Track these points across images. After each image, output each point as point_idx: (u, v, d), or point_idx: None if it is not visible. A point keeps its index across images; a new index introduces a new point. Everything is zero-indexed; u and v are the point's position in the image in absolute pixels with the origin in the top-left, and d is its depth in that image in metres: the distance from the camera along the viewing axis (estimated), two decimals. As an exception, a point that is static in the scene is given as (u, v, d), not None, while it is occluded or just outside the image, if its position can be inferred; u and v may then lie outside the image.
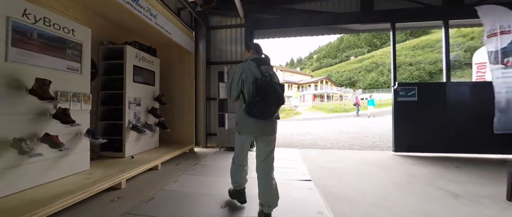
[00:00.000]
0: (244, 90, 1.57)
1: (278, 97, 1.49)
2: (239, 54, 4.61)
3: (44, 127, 1.90)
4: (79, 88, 2.24)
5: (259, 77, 1.51)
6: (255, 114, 1.47)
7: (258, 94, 1.45)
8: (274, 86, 1.50)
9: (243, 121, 1.58)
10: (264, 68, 1.59)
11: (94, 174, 2.21)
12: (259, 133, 1.57)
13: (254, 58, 1.67)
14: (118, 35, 3.29)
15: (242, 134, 1.62)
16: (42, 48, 1.89)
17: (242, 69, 1.58)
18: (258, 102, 1.44)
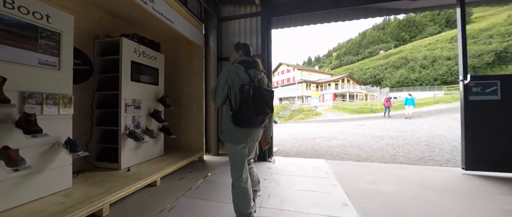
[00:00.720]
0: (230, 96, 1.43)
1: (266, 105, 1.41)
2: (254, 47, 3.98)
3: (6, 138, 1.48)
4: (56, 88, 1.81)
5: (247, 83, 1.39)
6: (242, 123, 1.36)
7: (245, 103, 1.33)
8: (263, 94, 1.40)
9: (230, 130, 1.45)
10: (252, 72, 1.47)
11: (72, 195, 1.76)
12: (247, 141, 1.47)
13: (241, 61, 1.51)
14: (118, 29, 2.89)
15: (229, 146, 1.49)
16: (2, 37, 1.47)
17: (229, 73, 1.44)
18: (245, 112, 1.33)
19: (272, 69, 3.78)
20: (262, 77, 1.57)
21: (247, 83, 1.40)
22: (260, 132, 1.58)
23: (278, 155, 4.23)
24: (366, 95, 33.89)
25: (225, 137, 1.49)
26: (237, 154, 1.46)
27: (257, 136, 1.55)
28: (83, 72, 2.55)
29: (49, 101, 1.75)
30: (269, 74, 3.69)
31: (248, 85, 1.38)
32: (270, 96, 1.46)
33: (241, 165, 1.46)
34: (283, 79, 39.24)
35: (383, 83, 46.22)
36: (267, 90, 1.48)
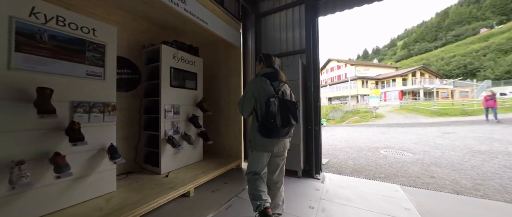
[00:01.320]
0: (257, 108, 1.53)
1: (291, 117, 1.50)
2: (297, 41, 3.43)
3: (59, 144, 1.62)
4: (101, 96, 1.92)
5: (272, 95, 1.49)
6: (269, 134, 1.46)
7: (272, 116, 1.43)
8: (288, 106, 1.50)
9: (256, 140, 1.56)
10: (276, 85, 1.56)
11: (112, 202, 1.80)
12: (273, 150, 1.56)
13: (266, 74, 1.61)
14: (162, 37, 3.02)
15: (255, 152, 1.58)
16: (55, 52, 1.62)
17: (255, 86, 1.55)
18: (272, 124, 1.43)
19: (319, 66, 3.12)
20: (285, 88, 1.63)
21: (273, 95, 1.48)
22: (287, 141, 1.67)
23: (329, 170, 3.49)
24: (452, 92, 25.96)
25: (252, 146, 1.59)
26: (260, 160, 1.57)
27: (284, 145, 1.63)
28: (133, 80, 2.76)
29: (95, 109, 1.86)
30: (316, 71, 3.05)
31: (273, 97, 1.47)
32: (294, 107, 1.54)
33: (255, 164, 1.57)
34: (332, 76, 35.47)
35: (480, 75, 34.24)
36: (291, 102, 1.55)
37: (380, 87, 29.57)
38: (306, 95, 3.07)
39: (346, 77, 30.37)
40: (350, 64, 33.02)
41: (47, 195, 1.54)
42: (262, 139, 1.51)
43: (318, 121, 3.04)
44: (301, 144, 2.87)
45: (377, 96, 19.45)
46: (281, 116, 1.46)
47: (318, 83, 3.08)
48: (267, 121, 1.44)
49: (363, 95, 27.96)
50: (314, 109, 3.02)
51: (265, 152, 1.56)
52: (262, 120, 1.49)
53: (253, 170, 1.58)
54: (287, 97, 1.60)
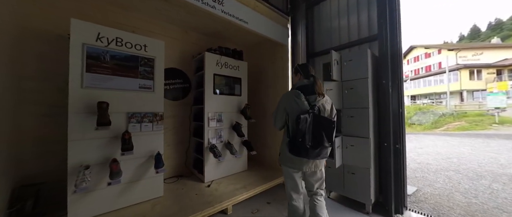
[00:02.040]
0: (288, 123, 1.43)
1: (325, 137, 1.33)
2: (364, 26, 2.60)
3: (117, 151, 1.82)
4: (151, 107, 2.06)
5: (305, 111, 1.34)
6: (296, 153, 1.34)
7: (301, 135, 1.30)
8: (322, 124, 1.34)
9: (284, 154, 1.47)
10: (312, 99, 1.40)
11: (156, 208, 1.87)
12: (302, 168, 1.45)
13: (301, 87, 1.46)
14: (209, 45, 3.07)
15: (283, 167, 1.53)
16: (114, 69, 1.84)
17: (287, 100, 1.45)
18: (300, 143, 1.30)
19: (402, 56, 2.16)
20: (324, 102, 1.44)
21: (306, 111, 1.35)
22: (319, 161, 1.47)
23: (419, 206, 2.40)
24: None
25: (281, 160, 1.54)
26: (290, 176, 1.50)
27: (317, 164, 1.47)
28: (184, 89, 2.95)
29: (146, 119, 2.01)
30: (397, 64, 2.13)
31: (307, 113, 1.33)
32: (329, 126, 1.36)
33: (293, 186, 1.50)
34: (417, 68, 27.00)
35: None
36: (327, 120, 1.38)
37: (507, 78, 19.71)
38: (379, 98, 2.21)
39: (440, 67, 22.32)
40: (447, 50, 23.99)
41: (104, 196, 1.76)
42: (290, 155, 1.39)
43: (401, 135, 2.11)
44: (372, 167, 2.07)
45: (504, 92, 13.02)
46: (313, 136, 1.32)
47: (400, 80, 2.14)
48: (295, 139, 1.32)
49: (473, 91, 19.72)
50: (393, 118, 2.11)
51: (293, 169, 1.47)
52: (291, 136, 1.36)
53: (288, 190, 1.53)
54: (325, 113, 1.42)
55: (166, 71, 2.70)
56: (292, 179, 1.50)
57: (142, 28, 2.49)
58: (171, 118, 2.80)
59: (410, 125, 12.74)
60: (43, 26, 1.90)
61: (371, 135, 2.07)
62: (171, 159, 2.77)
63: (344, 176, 2.27)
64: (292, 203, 1.52)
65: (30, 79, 1.84)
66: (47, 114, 1.90)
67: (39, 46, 1.88)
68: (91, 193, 1.69)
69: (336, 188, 2.38)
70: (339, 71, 2.28)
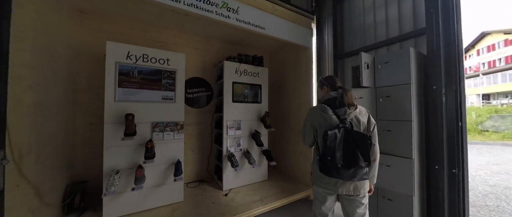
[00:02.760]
0: (317, 139, 1.29)
1: (360, 156, 1.16)
2: (406, 18, 2.16)
3: (142, 157, 2.00)
4: (172, 117, 2.19)
5: (334, 126, 1.19)
6: (327, 172, 1.21)
7: (329, 153, 1.16)
8: (355, 140, 1.16)
9: (316, 173, 1.33)
10: (341, 112, 1.22)
11: (175, 213, 1.97)
12: (337, 190, 1.26)
13: (327, 100, 1.31)
14: (230, 53, 3.10)
15: (315, 186, 1.38)
16: (141, 83, 2.02)
17: (313, 115, 1.32)
18: (330, 162, 1.17)
19: (462, 54, 1.67)
20: (358, 114, 1.25)
21: (335, 126, 1.18)
22: (362, 184, 1.24)
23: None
24: None
25: (313, 179, 1.40)
26: (320, 198, 1.34)
27: (357, 187, 1.23)
28: (207, 97, 3.05)
29: (168, 128, 2.15)
30: (455, 64, 1.65)
31: (336, 128, 1.18)
32: (364, 142, 1.17)
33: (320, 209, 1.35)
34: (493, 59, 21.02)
35: None
36: (362, 135, 1.19)
37: None
38: (428, 108, 1.77)
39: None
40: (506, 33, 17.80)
41: (131, 198, 1.95)
42: (322, 175, 1.26)
43: (460, 156, 1.62)
44: (416, 195, 1.66)
45: None
46: (345, 153, 1.17)
47: (460, 84, 1.65)
48: (324, 158, 1.19)
49: None
50: (448, 134, 1.65)
51: (326, 190, 1.30)
52: (321, 154, 1.23)
53: (315, 212, 1.40)
54: (360, 127, 1.24)
55: (190, 80, 2.86)
56: (322, 202, 1.34)
57: (168, 42, 2.69)
58: (195, 125, 2.93)
59: (481, 133, 10.12)
60: (90, 48, 2.25)
61: (414, 155, 1.66)
62: (194, 164, 2.91)
63: (377, 202, 1.90)
64: None
65: (80, 92, 2.21)
66: (92, 122, 2.24)
67: (87, 65, 2.24)
68: (121, 194, 1.89)
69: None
70: (371, 76, 1.93)
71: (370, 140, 1.20)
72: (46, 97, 1.60)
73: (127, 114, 1.83)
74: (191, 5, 1.79)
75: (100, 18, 2.31)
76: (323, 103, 1.29)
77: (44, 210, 1.59)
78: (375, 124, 1.30)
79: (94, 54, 2.26)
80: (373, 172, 1.31)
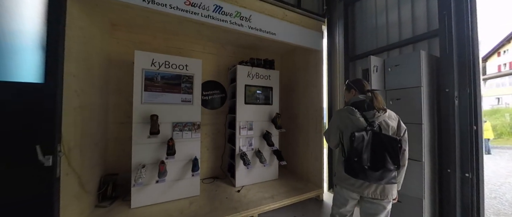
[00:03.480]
0: (343, 141, 1.28)
1: (389, 158, 1.13)
2: (420, 19, 2.14)
3: (164, 154, 2.22)
4: (190, 117, 2.39)
5: (362, 128, 1.18)
6: (352, 174, 1.19)
7: (356, 155, 1.14)
8: (384, 143, 1.14)
9: (341, 174, 1.31)
10: (370, 115, 1.22)
11: (192, 206, 2.16)
12: (363, 192, 1.24)
13: (355, 102, 1.30)
14: (244, 57, 3.25)
15: (338, 187, 1.36)
16: (164, 87, 2.25)
17: (340, 117, 1.32)
18: (356, 163, 1.15)
19: (478, 57, 1.64)
20: (387, 118, 1.25)
21: (363, 128, 1.19)
22: (390, 188, 1.23)
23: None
24: None
25: (336, 180, 1.39)
26: (341, 198, 1.35)
27: (384, 190, 1.22)
28: (221, 99, 3.24)
29: (186, 128, 2.35)
30: (466, 66, 1.63)
31: (364, 130, 1.18)
32: (394, 146, 1.14)
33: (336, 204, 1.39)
34: None
35: None
36: (391, 138, 1.16)
37: None
38: (440, 111, 1.76)
39: None
40: None
41: (155, 190, 2.18)
42: (347, 176, 1.24)
43: (474, 161, 1.60)
44: (426, 198, 1.67)
45: None
46: (372, 156, 1.15)
47: (475, 87, 1.63)
48: (350, 160, 1.18)
49: None
50: (461, 138, 1.63)
51: (350, 191, 1.29)
52: (347, 156, 1.23)
53: (333, 212, 1.42)
54: (389, 131, 1.23)
55: (206, 83, 3.07)
56: (343, 203, 1.33)
57: (186, 48, 2.92)
58: (210, 125, 3.13)
59: None
60: (119, 56, 2.54)
61: (425, 158, 1.67)
62: (209, 162, 3.11)
63: (387, 203, 1.92)
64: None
65: (111, 96, 2.50)
66: (122, 122, 2.53)
67: (117, 71, 2.52)
68: (146, 186, 2.13)
69: (378, 214, 2.03)
70: (381, 79, 1.95)
71: (400, 144, 1.17)
72: (86, 100, 1.87)
73: (152, 114, 2.06)
74: (208, 16, 1.97)
75: (128, 30, 2.59)
76: (350, 106, 1.29)
77: (84, 196, 1.87)
78: (406, 129, 1.26)
79: (122, 61, 2.54)
80: (400, 178, 1.29)
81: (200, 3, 1.92)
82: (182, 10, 1.84)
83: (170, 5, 1.78)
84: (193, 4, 1.88)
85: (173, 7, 1.79)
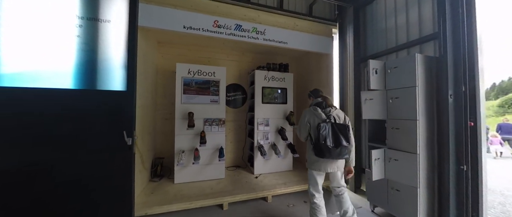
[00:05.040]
0: (311, 132, 1.78)
1: (343, 138, 1.67)
2: (426, 22, 2.25)
3: (197, 143, 2.82)
4: (217, 115, 2.94)
5: (324, 121, 1.72)
6: (322, 154, 1.66)
7: (323, 138, 1.65)
8: (339, 129, 1.70)
9: (311, 159, 1.81)
10: (327, 111, 1.78)
11: (216, 187, 2.70)
12: (327, 170, 1.76)
13: (316, 103, 1.86)
14: (261, 62, 3.69)
15: (310, 170, 1.84)
16: (197, 91, 2.85)
17: (308, 114, 1.82)
18: (323, 145, 1.64)
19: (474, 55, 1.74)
20: (338, 112, 1.83)
21: (324, 120, 1.72)
22: (341, 162, 1.81)
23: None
24: None
25: (308, 165, 1.85)
26: (313, 178, 1.83)
27: (338, 165, 1.79)
28: (242, 99, 3.75)
29: (214, 123, 2.92)
30: (461, 67, 1.76)
31: (325, 121, 1.71)
32: (345, 129, 1.73)
33: (315, 186, 1.83)
34: None
35: None
36: (343, 125, 1.75)
37: None
38: (439, 109, 1.91)
39: None
40: None
41: (191, 171, 2.79)
42: (316, 159, 1.73)
43: (471, 155, 1.72)
44: (420, 187, 1.85)
45: None
46: (333, 138, 1.66)
47: (472, 86, 1.75)
48: (318, 143, 1.66)
49: None
50: (456, 134, 1.77)
51: (320, 172, 1.79)
52: (315, 142, 1.71)
53: (310, 190, 1.85)
54: (339, 121, 1.78)
55: (229, 86, 3.61)
56: (315, 180, 1.82)
57: (213, 57, 3.51)
58: (233, 122, 3.67)
59: None
60: (164, 67, 3.25)
61: (419, 151, 1.85)
62: (232, 153, 3.64)
63: (388, 192, 2.13)
64: (314, 201, 1.82)
65: (159, 97, 3.23)
66: (166, 118, 3.24)
67: (162, 79, 3.24)
68: (185, 168, 2.75)
69: (380, 203, 2.25)
70: (381, 80, 2.17)
71: (348, 128, 1.74)
72: (144, 101, 2.56)
73: (189, 112, 2.67)
74: (230, 34, 2.48)
75: (170, 46, 3.30)
76: (314, 106, 1.83)
77: (144, 172, 2.57)
78: (349, 119, 1.85)
79: (166, 71, 3.25)
80: (351, 156, 1.79)
81: (225, 24, 2.44)
82: (211, 31, 2.38)
83: (202, 28, 2.34)
84: (219, 26, 2.41)
85: (205, 30, 2.35)
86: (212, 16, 2.41)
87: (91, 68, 1.81)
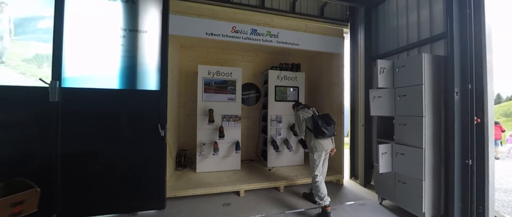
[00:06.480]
0: (308, 125, 2.31)
1: (330, 120, 2.29)
2: (436, 21, 2.30)
3: (216, 137, 3.13)
4: (234, 112, 3.23)
5: (312, 114, 2.32)
6: (321, 134, 2.18)
7: (320, 122, 2.20)
8: (324, 115, 2.35)
9: (315, 143, 2.24)
10: (311, 109, 2.41)
11: (233, 176, 2.98)
12: (325, 148, 2.26)
13: (302, 107, 2.51)
14: (274, 62, 3.90)
15: (316, 152, 2.25)
16: (216, 90, 3.16)
17: (302, 115, 2.35)
18: (321, 126, 2.17)
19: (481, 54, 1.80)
20: (315, 109, 2.47)
21: (312, 115, 2.31)
22: (330, 143, 2.34)
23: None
24: None
25: (313, 151, 2.27)
26: (317, 161, 2.27)
27: (331, 144, 2.34)
28: (256, 97, 4.00)
29: (231, 119, 3.21)
30: (467, 65, 1.83)
31: (314, 115, 2.31)
32: (328, 116, 2.35)
33: (318, 167, 2.27)
34: None
35: None
36: (325, 113, 2.42)
37: None
38: (447, 106, 1.99)
39: None
40: None
41: (211, 161, 3.11)
42: (319, 142, 2.22)
43: (477, 150, 1.80)
44: (426, 180, 1.95)
45: None
46: (326, 122, 2.23)
47: (480, 84, 1.81)
48: (318, 127, 2.19)
49: None
50: (462, 130, 1.85)
51: (323, 152, 2.26)
52: (314, 128, 2.23)
53: (315, 172, 2.25)
54: (320, 113, 2.46)
55: (245, 85, 3.87)
56: (318, 162, 2.27)
57: (230, 58, 3.79)
58: (247, 119, 3.94)
59: None
60: (186, 68, 3.61)
61: (425, 145, 1.95)
62: (247, 148, 3.92)
63: (395, 185, 2.25)
64: (317, 180, 2.22)
65: (182, 96, 3.60)
66: (188, 114, 3.60)
67: (185, 79, 3.60)
68: (205, 159, 3.08)
69: (388, 195, 2.37)
70: (389, 78, 2.28)
71: (328, 115, 2.37)
72: (170, 99, 2.91)
73: (210, 109, 2.99)
74: (246, 38, 2.74)
75: (191, 49, 3.64)
76: (302, 108, 2.45)
77: (170, 161, 2.94)
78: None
79: (188, 72, 3.60)
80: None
81: (241, 29, 2.70)
82: (229, 37, 2.66)
83: (222, 34, 2.62)
84: (236, 31, 2.67)
85: (224, 35, 2.63)
86: (230, 23, 2.68)
87: (132, 71, 2.18)
